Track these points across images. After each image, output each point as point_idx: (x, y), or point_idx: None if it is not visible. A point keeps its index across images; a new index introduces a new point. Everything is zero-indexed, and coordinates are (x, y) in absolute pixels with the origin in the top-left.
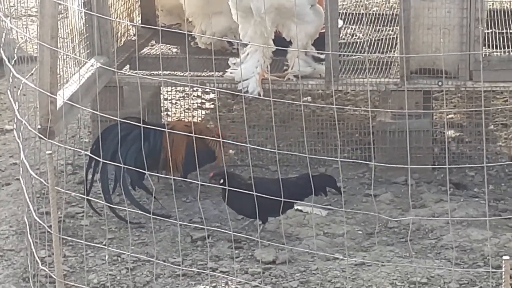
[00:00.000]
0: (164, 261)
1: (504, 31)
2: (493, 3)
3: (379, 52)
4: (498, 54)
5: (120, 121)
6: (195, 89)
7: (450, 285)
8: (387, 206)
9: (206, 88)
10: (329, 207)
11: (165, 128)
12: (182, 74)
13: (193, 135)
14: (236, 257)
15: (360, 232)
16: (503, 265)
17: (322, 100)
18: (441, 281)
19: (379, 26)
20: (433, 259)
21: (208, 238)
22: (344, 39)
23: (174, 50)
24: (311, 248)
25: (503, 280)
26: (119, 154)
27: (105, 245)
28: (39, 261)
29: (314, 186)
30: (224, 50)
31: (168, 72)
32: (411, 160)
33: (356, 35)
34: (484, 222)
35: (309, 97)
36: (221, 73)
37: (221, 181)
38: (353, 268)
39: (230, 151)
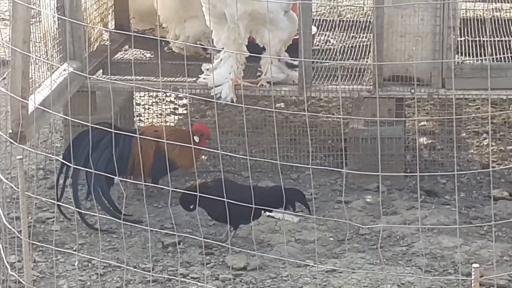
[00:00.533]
0: (135, 267)
1: (477, 39)
2: (466, 11)
3: (352, 59)
4: (471, 62)
5: (92, 126)
6: (168, 94)
7: None
8: (359, 213)
9: (179, 94)
10: (300, 213)
11: (136, 134)
12: (155, 79)
13: (164, 140)
14: (207, 263)
15: (331, 238)
16: (473, 273)
17: (295, 107)
18: None
19: (353, 33)
20: (403, 266)
21: (179, 244)
22: (317, 45)
23: (148, 55)
24: (282, 255)
25: None
26: (91, 160)
27: (75, 250)
28: (8, 267)
29: (284, 199)
30: (197, 56)
31: (141, 77)
32: (383, 167)
33: (329, 42)
34: (455, 229)
35: (282, 104)
36: (194, 79)
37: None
38: (324, 275)
39: (203, 156)
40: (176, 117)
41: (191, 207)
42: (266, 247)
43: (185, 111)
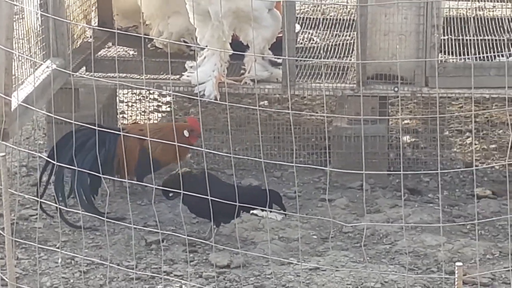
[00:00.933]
0: (118, 265)
1: (460, 37)
2: (449, 10)
3: (336, 57)
4: (454, 60)
5: (78, 124)
6: (151, 92)
7: None
8: (342, 211)
9: (162, 91)
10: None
11: (120, 132)
12: (138, 76)
13: (148, 138)
14: (191, 261)
15: (315, 236)
16: (456, 271)
17: (279, 105)
18: (395, 287)
19: (337, 31)
20: (387, 264)
21: (163, 241)
22: (301, 43)
23: (131, 52)
24: (265, 253)
25: (455, 286)
26: (76, 162)
27: (58, 248)
28: None
29: (261, 199)
30: (181, 53)
31: (125, 74)
32: (367, 165)
33: (313, 40)
34: (438, 228)
35: (266, 101)
36: (178, 76)
37: (171, 194)
38: (307, 273)
39: (188, 155)
40: (160, 115)
41: (170, 195)
42: (249, 245)
43: (168, 109)
